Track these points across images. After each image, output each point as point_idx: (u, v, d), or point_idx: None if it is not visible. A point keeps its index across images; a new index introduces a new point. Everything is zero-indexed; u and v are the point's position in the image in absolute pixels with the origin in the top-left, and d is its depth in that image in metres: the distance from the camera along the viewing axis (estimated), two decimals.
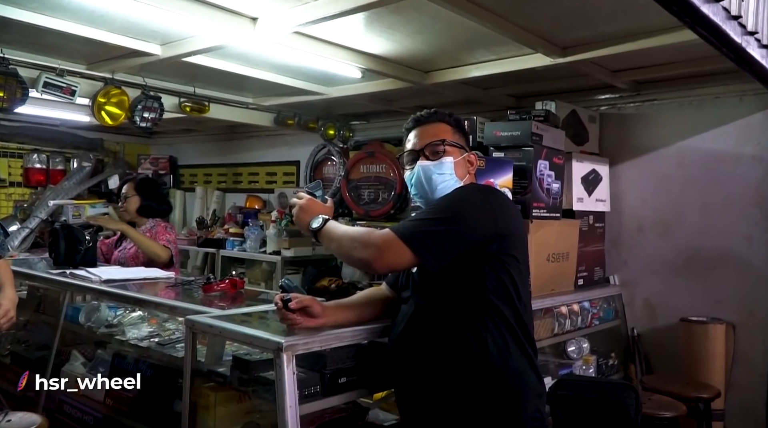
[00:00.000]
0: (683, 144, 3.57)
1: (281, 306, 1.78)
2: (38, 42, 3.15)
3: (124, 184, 3.61)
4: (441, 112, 1.89)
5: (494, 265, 1.66)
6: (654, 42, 2.77)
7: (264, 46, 2.97)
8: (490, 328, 1.64)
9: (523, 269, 1.74)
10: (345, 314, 1.92)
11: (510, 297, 1.67)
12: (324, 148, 5.22)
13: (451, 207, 1.68)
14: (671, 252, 3.58)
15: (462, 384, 1.65)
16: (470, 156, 1.88)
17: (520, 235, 1.77)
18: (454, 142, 1.83)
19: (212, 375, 2.04)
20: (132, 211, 3.50)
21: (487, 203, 1.69)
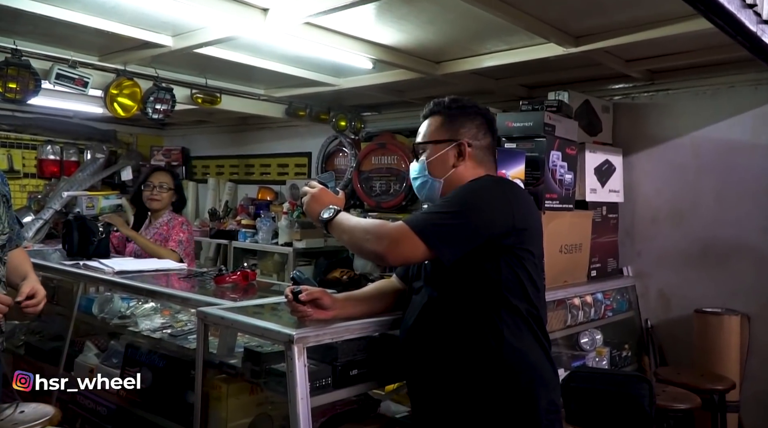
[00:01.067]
0: (698, 134, 3.53)
1: (291, 298, 1.78)
2: (50, 33, 3.15)
3: (157, 172, 3.57)
4: (439, 102, 1.85)
5: (510, 259, 1.64)
6: (668, 31, 2.72)
7: (275, 37, 2.95)
8: (507, 322, 1.62)
9: (538, 264, 1.72)
10: (355, 306, 1.92)
11: (525, 291, 1.65)
12: (335, 140, 5.21)
13: (466, 199, 1.64)
14: (685, 243, 3.55)
15: (477, 377, 1.64)
16: (455, 148, 1.78)
17: (537, 229, 1.74)
18: (434, 139, 1.81)
19: (224, 367, 2.04)
20: (166, 203, 3.53)
21: (503, 196, 1.66)
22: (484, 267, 1.64)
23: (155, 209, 3.52)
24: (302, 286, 1.82)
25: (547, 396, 1.65)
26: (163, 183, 3.51)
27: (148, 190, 3.49)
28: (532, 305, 1.67)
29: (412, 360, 1.80)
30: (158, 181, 3.50)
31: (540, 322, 1.70)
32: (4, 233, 2.15)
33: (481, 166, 1.80)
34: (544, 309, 1.75)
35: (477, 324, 1.64)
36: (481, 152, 1.81)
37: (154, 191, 3.48)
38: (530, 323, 1.66)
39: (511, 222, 1.62)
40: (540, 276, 1.73)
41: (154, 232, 3.48)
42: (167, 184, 3.52)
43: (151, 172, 3.59)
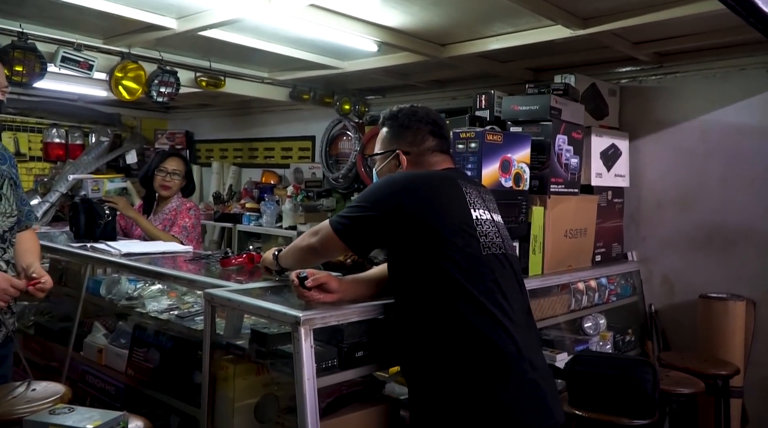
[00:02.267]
0: (706, 118, 3.50)
1: (297, 283, 1.80)
2: (55, 16, 3.14)
3: (170, 157, 3.54)
4: (384, 114, 2.07)
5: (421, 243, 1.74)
6: (677, 12, 2.69)
7: (280, 19, 2.94)
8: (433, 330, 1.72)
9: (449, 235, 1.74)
10: (361, 289, 1.95)
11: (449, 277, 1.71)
12: (339, 123, 5.20)
13: (364, 193, 1.86)
14: (691, 228, 3.54)
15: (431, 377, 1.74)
16: (395, 157, 1.97)
17: (439, 209, 1.78)
18: (379, 151, 2.04)
19: (231, 348, 2.06)
20: (177, 189, 3.52)
21: (393, 182, 1.81)
22: (406, 256, 1.78)
23: (165, 196, 3.52)
24: (308, 271, 1.84)
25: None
26: (176, 169, 3.50)
27: (161, 175, 3.47)
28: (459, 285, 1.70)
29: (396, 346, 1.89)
30: (172, 168, 3.49)
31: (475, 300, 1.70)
32: (12, 215, 2.16)
33: (425, 167, 1.96)
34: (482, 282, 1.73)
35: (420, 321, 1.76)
36: (420, 157, 1.96)
37: (167, 178, 3.48)
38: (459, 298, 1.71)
39: (398, 202, 1.74)
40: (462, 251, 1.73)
41: (163, 218, 3.49)
42: (180, 171, 3.52)
43: (165, 157, 3.55)
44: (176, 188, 3.53)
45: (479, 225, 1.81)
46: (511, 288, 1.79)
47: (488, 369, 1.64)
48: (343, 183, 5.16)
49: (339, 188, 5.26)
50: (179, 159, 3.58)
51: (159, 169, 3.48)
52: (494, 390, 1.63)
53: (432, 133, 1.98)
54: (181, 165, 3.54)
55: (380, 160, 2.04)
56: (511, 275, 1.83)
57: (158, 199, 3.56)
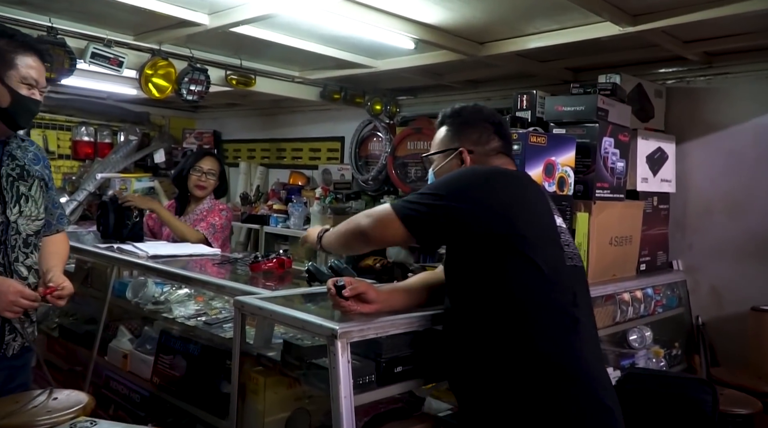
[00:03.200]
0: (760, 121, 3.31)
1: (335, 292, 1.68)
2: (85, 11, 3.08)
3: (206, 157, 3.46)
4: (444, 112, 1.95)
5: (504, 250, 1.56)
6: (734, 9, 2.53)
7: (314, 14, 2.83)
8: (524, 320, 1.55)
9: (541, 245, 1.59)
10: (401, 299, 1.83)
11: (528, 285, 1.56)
12: (370, 124, 5.08)
13: (442, 182, 1.67)
14: (742, 236, 3.35)
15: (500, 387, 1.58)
16: (457, 156, 1.83)
17: (526, 210, 1.64)
18: (439, 150, 1.89)
19: (261, 359, 1.96)
20: (211, 189, 3.45)
21: (478, 173, 1.69)
22: (483, 260, 1.59)
23: (200, 196, 3.44)
24: (345, 279, 1.72)
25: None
26: (212, 169, 3.42)
27: (197, 174, 3.39)
28: (544, 294, 1.56)
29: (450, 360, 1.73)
30: (207, 167, 3.41)
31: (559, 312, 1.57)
32: (39, 218, 2.07)
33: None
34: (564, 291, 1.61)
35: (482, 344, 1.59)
36: (485, 158, 1.82)
37: (202, 177, 3.40)
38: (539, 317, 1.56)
39: (488, 197, 1.59)
40: (551, 259, 1.60)
41: (194, 219, 3.41)
42: (215, 171, 3.44)
43: (201, 156, 3.47)
44: (211, 188, 3.45)
45: (562, 234, 1.70)
46: (585, 303, 1.67)
47: (562, 389, 1.51)
48: (372, 185, 5.04)
49: (368, 190, 5.15)
50: (214, 158, 3.50)
51: (194, 169, 3.40)
52: (567, 412, 1.50)
53: (497, 133, 1.85)
54: (216, 164, 3.47)
55: (439, 159, 1.89)
56: (586, 289, 1.72)
57: (191, 200, 3.49)
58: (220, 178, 3.49)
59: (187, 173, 3.41)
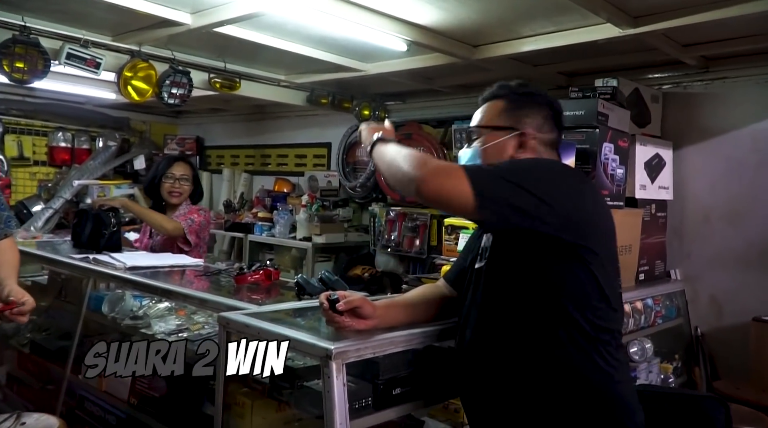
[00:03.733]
0: (759, 126, 3.24)
1: (327, 307, 1.55)
2: (61, 10, 2.93)
3: (177, 162, 3.34)
4: (503, 85, 1.66)
5: (572, 260, 1.40)
6: (739, 10, 2.45)
7: (302, 13, 2.71)
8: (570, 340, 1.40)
9: (607, 266, 1.46)
10: (398, 314, 1.69)
11: (589, 301, 1.41)
12: (357, 129, 4.95)
13: (527, 168, 1.44)
14: (742, 245, 3.27)
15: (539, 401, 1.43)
16: (516, 137, 1.57)
17: (607, 227, 1.51)
18: (493, 124, 1.61)
19: (249, 380, 1.82)
20: (186, 195, 3.34)
21: (568, 172, 1.55)
22: (542, 268, 1.41)
23: (175, 203, 3.31)
24: (339, 292, 1.59)
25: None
26: (184, 174, 3.31)
27: (169, 182, 3.28)
28: (599, 317, 1.42)
29: (471, 377, 1.56)
30: (180, 173, 3.30)
31: (611, 337, 1.45)
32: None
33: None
34: (618, 320, 1.51)
35: (535, 344, 1.42)
36: (543, 146, 1.59)
37: (175, 184, 3.28)
38: (595, 340, 1.41)
39: (572, 210, 1.39)
40: (612, 282, 1.48)
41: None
42: (189, 176, 3.34)
43: (172, 161, 3.35)
44: (186, 194, 3.34)
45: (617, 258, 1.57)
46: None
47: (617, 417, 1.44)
48: (360, 192, 4.92)
49: (356, 197, 5.03)
50: (186, 163, 3.39)
51: (166, 176, 3.28)
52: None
53: (556, 122, 1.63)
54: (189, 169, 3.36)
55: (491, 136, 1.60)
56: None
57: (166, 209, 3.34)
58: (195, 182, 3.39)
59: (159, 181, 3.30)
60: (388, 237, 4.57)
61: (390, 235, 4.56)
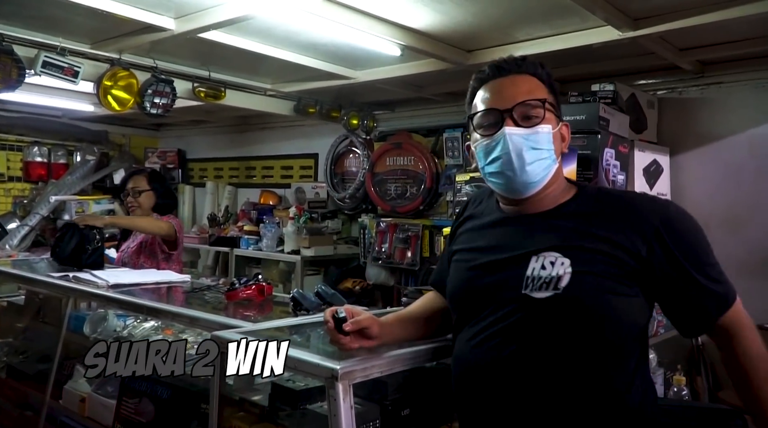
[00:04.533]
0: (757, 131, 3.21)
1: (333, 326, 1.41)
2: (37, 16, 2.82)
3: (131, 177, 3.37)
4: (533, 63, 1.42)
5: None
6: (737, 12, 2.43)
7: (291, 16, 2.61)
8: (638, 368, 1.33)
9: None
10: (405, 330, 1.54)
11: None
12: (346, 139, 4.86)
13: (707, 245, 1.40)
14: (743, 252, 3.21)
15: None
16: (563, 127, 1.42)
17: None
18: (553, 104, 1.38)
19: (245, 403, 1.69)
20: (147, 207, 3.29)
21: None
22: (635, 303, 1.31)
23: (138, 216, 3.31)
24: (345, 308, 1.46)
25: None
26: (136, 187, 3.29)
27: (127, 198, 3.32)
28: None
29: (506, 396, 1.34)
30: (131, 186, 3.31)
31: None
32: None
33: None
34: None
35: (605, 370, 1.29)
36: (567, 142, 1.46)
37: (129, 199, 3.30)
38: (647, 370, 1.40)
39: None
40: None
41: (140, 239, 3.27)
42: (140, 187, 3.30)
43: (127, 178, 3.40)
44: (145, 206, 3.30)
45: None
46: None
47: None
48: (350, 203, 4.81)
49: (345, 209, 4.92)
50: (139, 175, 3.37)
51: (124, 192, 3.34)
52: None
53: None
54: (141, 181, 3.32)
55: (550, 120, 1.36)
56: None
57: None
58: (157, 192, 3.33)
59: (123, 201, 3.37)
60: (379, 249, 4.46)
61: (381, 247, 4.45)
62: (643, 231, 1.28)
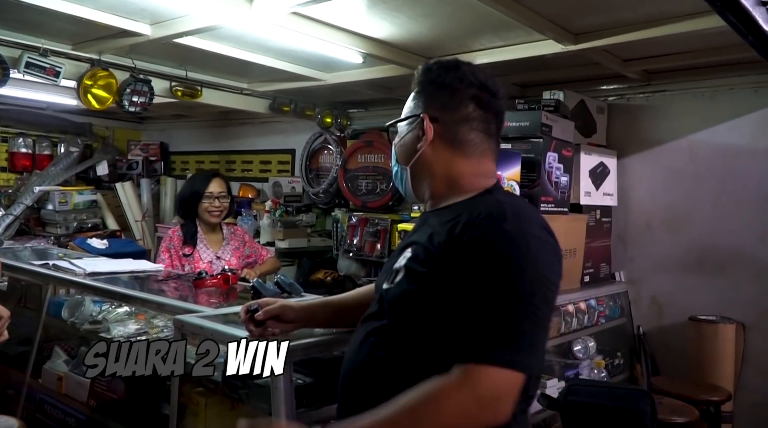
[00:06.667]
0: (695, 137, 3.44)
1: (244, 318, 1.59)
2: (20, 19, 2.96)
3: (212, 180, 3.11)
4: (418, 72, 1.44)
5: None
6: (670, 29, 2.64)
7: (260, 27, 2.80)
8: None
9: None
10: (326, 315, 1.68)
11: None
12: (320, 137, 5.05)
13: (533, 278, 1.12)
14: (681, 250, 3.46)
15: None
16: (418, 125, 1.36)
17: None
18: (398, 118, 1.45)
19: (203, 380, 1.90)
20: (228, 212, 3.20)
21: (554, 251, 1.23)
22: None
23: (214, 223, 3.15)
24: (261, 301, 1.65)
25: None
26: (222, 192, 3.12)
27: (209, 201, 3.08)
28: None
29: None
30: (218, 190, 3.10)
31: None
32: None
33: (459, 150, 1.33)
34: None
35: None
36: (454, 128, 1.32)
37: (215, 202, 3.08)
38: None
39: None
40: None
41: (239, 255, 3.20)
42: (226, 192, 3.15)
43: (208, 179, 3.12)
44: (226, 212, 3.16)
45: None
46: None
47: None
48: (323, 198, 5.01)
49: (319, 203, 5.12)
50: (222, 179, 3.18)
51: (206, 195, 3.08)
52: None
53: (475, 99, 1.32)
54: (223, 185, 3.15)
55: (404, 129, 1.43)
56: None
57: (201, 228, 3.17)
58: (231, 197, 3.24)
59: (196, 200, 3.10)
60: (350, 241, 4.66)
61: (352, 240, 4.66)
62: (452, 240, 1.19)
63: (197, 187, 3.11)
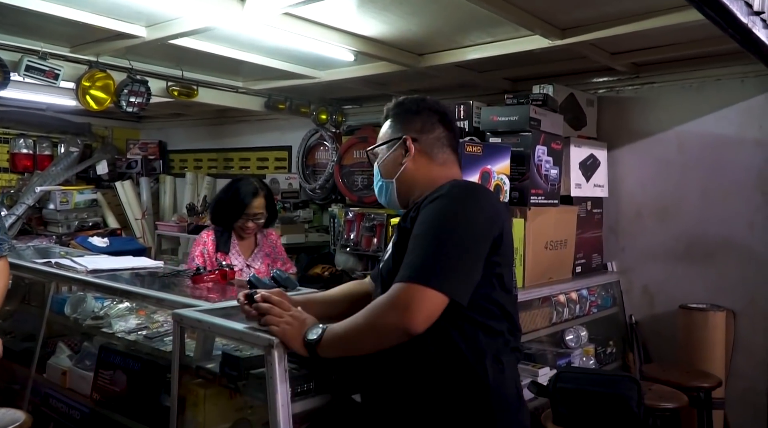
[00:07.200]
0: (683, 128, 3.50)
1: (244, 302, 1.70)
2: (19, 24, 3.02)
3: (255, 198, 2.98)
4: (388, 107, 1.82)
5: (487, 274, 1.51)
6: (655, 23, 2.68)
7: (253, 27, 2.86)
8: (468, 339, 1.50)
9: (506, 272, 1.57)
10: (320, 309, 1.80)
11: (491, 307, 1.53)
12: (316, 133, 5.11)
13: (456, 222, 1.47)
14: (670, 239, 3.53)
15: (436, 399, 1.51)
16: (401, 145, 1.70)
17: (508, 235, 1.60)
18: (380, 142, 1.79)
19: (201, 371, 1.96)
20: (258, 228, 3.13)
21: (487, 204, 1.54)
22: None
23: (246, 237, 3.14)
24: (260, 290, 1.74)
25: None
26: (260, 212, 3.02)
27: (245, 219, 3.00)
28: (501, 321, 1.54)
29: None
30: (258, 210, 3.01)
31: (509, 339, 1.56)
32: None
33: (435, 161, 1.71)
34: (515, 316, 1.61)
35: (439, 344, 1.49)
36: (430, 145, 1.71)
37: (249, 222, 3.01)
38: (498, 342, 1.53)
39: (498, 232, 1.51)
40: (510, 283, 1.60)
41: (268, 261, 3.17)
42: (263, 210, 3.05)
43: (252, 197, 2.99)
44: (258, 228, 3.12)
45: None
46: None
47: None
48: (320, 194, 5.07)
49: (316, 199, 5.18)
50: (264, 196, 3.04)
51: (245, 214, 3.00)
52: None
53: (442, 121, 1.73)
54: (264, 202, 3.04)
55: (383, 151, 1.76)
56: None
57: (235, 235, 3.13)
58: (269, 209, 3.11)
59: (235, 212, 3.02)
60: (347, 236, 4.71)
61: (349, 235, 4.71)
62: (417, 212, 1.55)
63: (239, 201, 2.99)
